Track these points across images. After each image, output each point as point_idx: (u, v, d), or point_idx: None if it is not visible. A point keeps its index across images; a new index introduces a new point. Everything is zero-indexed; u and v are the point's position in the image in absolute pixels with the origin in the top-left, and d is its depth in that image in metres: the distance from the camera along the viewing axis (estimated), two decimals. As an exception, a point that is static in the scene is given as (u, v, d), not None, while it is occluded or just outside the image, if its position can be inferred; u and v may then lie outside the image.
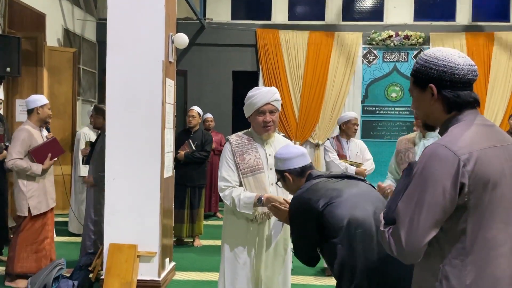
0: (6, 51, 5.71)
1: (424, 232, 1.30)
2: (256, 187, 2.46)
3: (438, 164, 1.31)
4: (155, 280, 3.90)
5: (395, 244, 1.33)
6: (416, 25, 8.85)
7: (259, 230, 2.52)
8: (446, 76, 1.40)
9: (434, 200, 1.29)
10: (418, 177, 1.34)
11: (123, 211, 3.86)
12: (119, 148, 3.85)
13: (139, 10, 3.86)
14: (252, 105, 2.51)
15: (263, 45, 8.87)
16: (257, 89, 2.55)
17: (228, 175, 2.48)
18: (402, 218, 1.32)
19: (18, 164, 3.91)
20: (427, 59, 1.44)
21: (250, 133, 2.62)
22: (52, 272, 3.73)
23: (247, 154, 2.50)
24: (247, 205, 2.39)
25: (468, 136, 1.35)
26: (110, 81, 3.88)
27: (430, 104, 1.44)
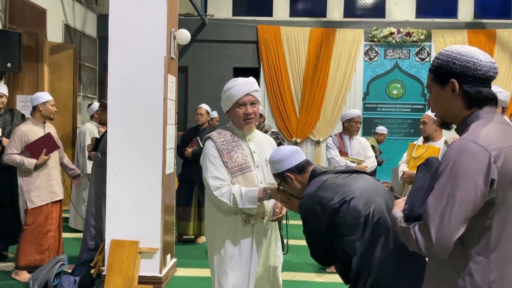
0: (7, 46, 5.70)
1: (455, 228, 1.28)
2: (247, 186, 2.28)
3: (470, 159, 1.29)
4: (157, 276, 3.90)
5: (424, 240, 1.30)
6: (417, 22, 8.83)
7: (251, 232, 2.35)
8: (469, 72, 1.38)
9: (466, 196, 1.28)
10: (448, 173, 1.32)
11: (124, 207, 3.86)
12: (120, 144, 3.84)
13: (141, 6, 3.84)
14: (231, 97, 2.31)
15: (264, 41, 8.86)
16: (234, 80, 2.35)
17: (220, 174, 2.27)
18: (433, 214, 1.30)
19: (13, 158, 3.96)
20: (449, 55, 1.42)
21: (231, 129, 2.41)
22: (54, 268, 3.74)
23: (234, 152, 2.32)
24: (252, 199, 2.22)
25: (493, 132, 1.35)
26: (112, 77, 3.86)
27: (451, 100, 1.43)
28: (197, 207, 5.41)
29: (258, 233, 2.36)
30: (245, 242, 2.33)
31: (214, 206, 2.35)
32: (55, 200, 4.17)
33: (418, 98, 8.90)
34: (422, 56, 8.84)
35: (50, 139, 4.09)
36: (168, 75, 3.95)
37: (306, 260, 4.55)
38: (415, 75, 8.85)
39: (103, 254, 3.96)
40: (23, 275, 4.03)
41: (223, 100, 2.38)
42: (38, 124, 4.15)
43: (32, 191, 4.03)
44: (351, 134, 4.58)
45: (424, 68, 8.84)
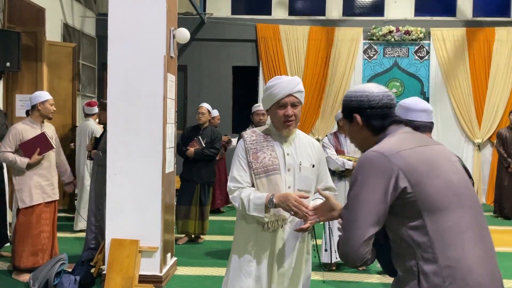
0: (6, 46, 5.69)
1: (362, 231, 1.42)
2: (270, 190, 2.14)
3: (368, 165, 1.46)
4: (157, 275, 3.91)
5: (339, 247, 1.48)
6: (416, 20, 8.83)
7: (271, 239, 2.17)
8: (364, 104, 1.58)
9: (368, 198, 1.42)
10: (352, 183, 1.48)
11: (124, 206, 3.86)
12: (120, 143, 3.85)
13: (141, 5, 3.84)
14: (272, 96, 2.16)
15: (263, 40, 8.85)
16: (278, 78, 2.21)
17: (239, 175, 2.18)
18: (343, 224, 1.47)
19: (5, 156, 3.95)
20: (347, 94, 1.65)
21: (268, 130, 2.28)
22: (54, 267, 3.74)
23: (262, 152, 2.19)
24: (257, 207, 2.08)
25: (393, 141, 1.51)
26: (112, 76, 3.86)
27: (360, 132, 1.62)
28: (198, 206, 5.39)
29: (279, 242, 2.17)
30: (264, 249, 2.17)
31: (240, 216, 2.28)
32: (47, 201, 4.12)
33: (417, 96, 8.87)
34: (421, 54, 8.84)
35: (45, 139, 4.06)
36: (168, 74, 3.96)
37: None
38: (414, 74, 8.86)
39: (103, 253, 3.96)
40: (22, 276, 4.02)
41: (264, 98, 2.24)
42: (36, 123, 4.13)
43: (24, 191, 3.99)
44: (346, 132, 4.59)
45: (423, 66, 8.85)
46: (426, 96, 8.84)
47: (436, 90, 8.73)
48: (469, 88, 8.62)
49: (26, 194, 3.97)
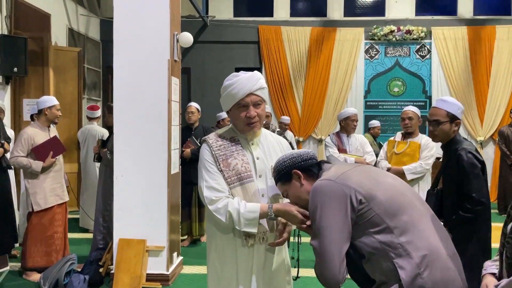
0: (13, 51, 5.81)
1: (337, 255, 1.57)
2: (245, 199, 1.91)
3: (324, 193, 1.60)
4: (164, 274, 4.00)
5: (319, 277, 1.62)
6: (417, 20, 8.89)
7: (251, 255, 1.96)
8: (298, 159, 1.79)
9: (334, 223, 1.56)
10: (312, 213, 1.63)
11: (131, 206, 3.95)
12: (127, 146, 3.94)
13: (145, 10, 3.93)
14: (231, 97, 1.93)
15: (266, 41, 8.94)
16: (235, 76, 1.97)
17: (217, 184, 1.91)
18: (317, 251, 1.60)
19: (19, 161, 4.05)
20: (277, 163, 1.83)
21: (232, 131, 2.03)
22: (64, 267, 3.84)
23: (233, 158, 1.94)
24: (251, 222, 1.86)
25: (333, 170, 1.70)
26: (117, 80, 3.96)
27: (301, 186, 1.77)
28: (197, 207, 5.43)
29: (259, 257, 1.97)
30: (244, 265, 1.96)
31: (211, 220, 2.01)
32: (60, 202, 4.25)
33: (419, 95, 8.96)
34: (423, 53, 8.89)
35: (57, 142, 4.18)
36: (172, 77, 4.05)
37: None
38: (416, 72, 8.91)
39: (111, 253, 4.06)
40: (32, 275, 4.12)
41: (223, 99, 1.99)
42: (43, 128, 4.23)
43: (38, 194, 4.10)
44: (348, 132, 4.65)
45: (425, 65, 8.90)
46: (428, 95, 8.90)
47: (438, 88, 8.78)
48: (470, 86, 8.67)
49: (40, 197, 4.07)
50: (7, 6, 6.09)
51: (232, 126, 2.05)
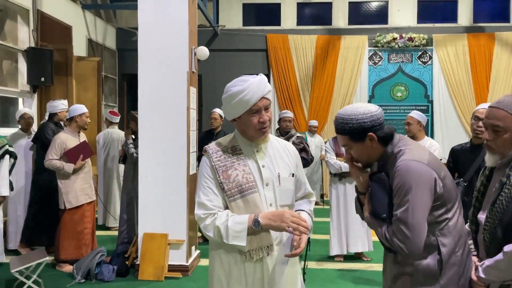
0: (41, 62, 6.30)
1: (423, 232, 1.73)
2: (248, 212, 1.80)
3: (419, 174, 1.72)
4: (184, 265, 4.41)
5: (405, 244, 1.73)
6: (419, 27, 9.27)
7: (259, 269, 1.84)
8: (375, 123, 1.79)
9: (423, 203, 1.72)
10: (408, 190, 1.72)
11: (155, 204, 4.38)
12: (150, 149, 4.37)
13: (166, 27, 4.37)
14: (244, 103, 1.82)
15: (273, 49, 9.36)
16: (244, 81, 1.85)
17: (208, 200, 1.82)
18: (404, 222, 1.73)
19: (53, 163, 4.48)
20: (355, 117, 1.80)
21: (234, 140, 1.94)
22: (95, 258, 4.27)
23: (233, 170, 1.85)
24: (238, 234, 1.75)
25: (416, 150, 1.80)
26: (142, 90, 4.39)
27: (372, 148, 1.82)
28: None
29: (270, 270, 1.84)
30: (252, 281, 1.84)
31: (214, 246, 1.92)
32: (89, 201, 4.68)
33: (421, 100, 9.32)
34: (424, 59, 9.27)
35: (86, 146, 4.62)
36: (190, 87, 4.48)
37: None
38: (418, 78, 9.28)
39: (136, 246, 4.49)
40: (65, 266, 4.55)
41: (232, 106, 1.85)
42: (74, 133, 4.68)
43: (70, 193, 4.54)
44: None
45: (427, 71, 9.27)
46: (430, 99, 9.26)
47: (439, 93, 9.14)
48: (471, 91, 9.02)
49: (72, 196, 4.50)
50: (34, 20, 6.57)
51: (236, 134, 1.95)
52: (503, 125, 1.64)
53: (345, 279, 4.42)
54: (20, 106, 6.58)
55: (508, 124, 1.63)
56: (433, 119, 9.16)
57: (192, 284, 4.21)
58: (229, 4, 9.67)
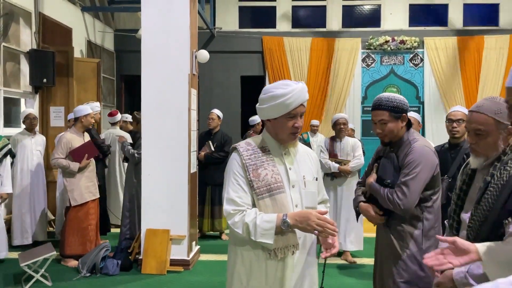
0: (43, 64, 6.44)
1: (417, 197, 2.28)
2: (276, 211, 1.85)
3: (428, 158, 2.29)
4: (185, 259, 4.60)
5: (403, 202, 2.22)
6: (411, 31, 9.52)
7: (280, 268, 1.87)
8: (408, 109, 2.37)
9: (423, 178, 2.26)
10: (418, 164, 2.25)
11: (157, 201, 4.56)
12: (153, 148, 4.55)
13: (169, 31, 4.55)
14: (285, 106, 1.87)
15: (269, 51, 9.57)
16: (288, 85, 1.90)
17: (238, 197, 1.86)
18: (406, 185, 2.24)
19: (59, 162, 4.64)
20: (398, 99, 2.33)
21: (264, 142, 1.99)
22: (100, 253, 4.44)
23: (263, 169, 1.89)
24: (266, 232, 1.79)
25: (426, 140, 2.39)
26: (145, 92, 4.57)
27: (400, 128, 2.33)
28: (210, 205, 5.94)
29: (290, 271, 1.88)
30: (273, 280, 1.88)
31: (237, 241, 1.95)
32: (93, 198, 4.86)
33: (413, 101, 9.57)
34: (416, 62, 9.52)
35: (91, 146, 4.79)
36: (191, 89, 4.66)
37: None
38: (410, 80, 9.53)
39: (139, 241, 4.66)
40: (70, 261, 4.72)
41: (271, 107, 1.90)
42: (79, 133, 4.85)
43: (75, 191, 4.71)
44: (339, 137, 4.99)
45: (418, 73, 9.53)
46: (421, 101, 9.51)
47: (430, 94, 9.40)
48: (460, 93, 9.28)
49: (77, 194, 4.67)
50: (35, 23, 6.73)
51: (265, 136, 2.00)
52: (485, 128, 1.71)
53: (343, 274, 4.63)
54: (22, 107, 6.73)
55: (489, 127, 1.71)
56: (424, 120, 9.41)
57: (193, 278, 4.39)
58: (225, 7, 9.86)
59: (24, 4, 6.47)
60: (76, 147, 4.70)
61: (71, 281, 4.26)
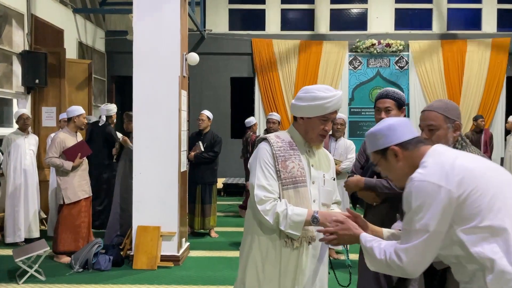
0: (35, 65, 6.55)
1: None
2: (297, 203, 1.96)
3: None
4: (175, 255, 4.75)
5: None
6: (396, 34, 9.78)
7: (295, 257, 1.98)
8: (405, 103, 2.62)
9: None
10: None
11: (148, 199, 4.70)
12: (144, 147, 4.70)
13: (160, 34, 4.70)
14: (323, 108, 1.98)
15: (258, 53, 9.75)
16: (330, 91, 2.01)
17: (269, 184, 1.95)
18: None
19: (53, 161, 4.76)
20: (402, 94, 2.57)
21: (293, 137, 2.09)
22: (92, 249, 4.57)
23: (290, 161, 2.00)
24: (296, 225, 1.90)
25: None
26: (137, 93, 4.72)
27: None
28: (200, 203, 6.08)
29: (303, 260, 2.00)
30: (287, 267, 1.98)
31: (255, 217, 2.02)
32: (86, 197, 4.98)
33: (398, 103, 9.81)
34: (401, 64, 9.77)
35: (84, 145, 4.92)
36: (182, 91, 4.82)
37: None
38: (395, 82, 9.78)
39: (130, 238, 4.81)
40: (63, 258, 4.84)
41: (310, 106, 2.00)
42: (72, 133, 4.97)
43: (69, 189, 4.82)
44: (334, 136, 5.08)
45: (403, 75, 9.78)
46: (406, 103, 9.73)
47: (415, 97, 9.66)
48: (444, 94, 9.55)
49: (70, 192, 4.79)
50: (28, 24, 6.83)
51: (293, 132, 2.10)
52: (436, 123, 2.00)
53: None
54: (14, 107, 6.82)
55: (439, 122, 2.00)
56: (409, 121, 9.66)
57: (183, 273, 4.54)
58: (216, 9, 10.03)
59: (17, 6, 6.57)
60: (70, 147, 4.83)
61: (64, 276, 4.39)
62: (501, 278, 1.40)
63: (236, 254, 5.17)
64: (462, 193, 1.42)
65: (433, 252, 1.48)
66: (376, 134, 1.66)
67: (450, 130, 2.01)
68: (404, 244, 1.49)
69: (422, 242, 1.45)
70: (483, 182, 1.45)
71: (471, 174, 1.45)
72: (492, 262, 1.41)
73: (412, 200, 1.47)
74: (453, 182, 1.43)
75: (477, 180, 1.45)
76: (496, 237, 1.41)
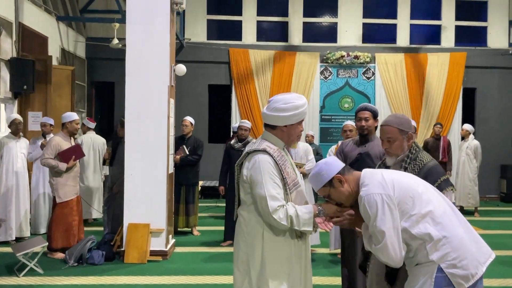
0: (23, 72, 6.82)
1: None
2: (300, 201, 2.24)
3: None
4: (163, 250, 5.16)
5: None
6: (364, 47, 10.48)
7: (303, 248, 2.28)
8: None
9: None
10: None
11: (138, 198, 5.09)
12: (135, 151, 5.10)
13: (150, 46, 5.12)
14: (302, 114, 2.27)
15: (235, 62, 10.24)
16: (301, 98, 2.29)
17: (278, 193, 2.15)
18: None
19: (48, 162, 5.09)
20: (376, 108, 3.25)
21: (274, 143, 2.29)
22: (86, 245, 4.92)
23: (287, 167, 2.24)
24: (307, 221, 2.16)
25: None
26: (129, 101, 5.11)
27: (374, 127, 3.38)
28: (184, 203, 6.46)
29: (307, 249, 2.33)
30: (300, 259, 2.26)
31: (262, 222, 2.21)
32: (74, 197, 5.30)
33: (365, 111, 10.50)
34: (368, 75, 10.49)
35: (79, 149, 5.27)
36: (170, 99, 5.26)
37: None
38: (363, 91, 10.48)
39: (121, 234, 5.18)
40: (56, 254, 5.16)
41: (294, 115, 2.24)
42: (66, 137, 5.30)
43: (61, 189, 5.16)
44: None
45: (370, 85, 10.50)
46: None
47: (381, 105, 10.35)
48: (407, 103, 10.32)
49: (62, 192, 5.12)
50: (16, 32, 7.08)
51: (273, 139, 2.29)
52: (393, 136, 2.44)
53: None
54: (2, 112, 7.05)
55: (395, 134, 2.44)
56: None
57: (171, 266, 4.96)
58: (194, 19, 10.46)
59: (5, 14, 6.82)
60: (65, 149, 5.16)
61: (60, 270, 4.72)
62: (436, 243, 1.97)
63: (217, 249, 5.63)
64: (398, 194, 2.00)
65: (399, 241, 1.97)
66: (319, 173, 2.11)
67: (404, 140, 2.44)
68: (377, 244, 2.00)
69: (387, 239, 1.95)
70: (405, 184, 2.04)
71: (397, 181, 2.04)
72: (428, 235, 1.98)
73: (368, 210, 1.98)
74: (389, 189, 1.99)
75: (402, 184, 2.03)
76: (426, 217, 2.00)
